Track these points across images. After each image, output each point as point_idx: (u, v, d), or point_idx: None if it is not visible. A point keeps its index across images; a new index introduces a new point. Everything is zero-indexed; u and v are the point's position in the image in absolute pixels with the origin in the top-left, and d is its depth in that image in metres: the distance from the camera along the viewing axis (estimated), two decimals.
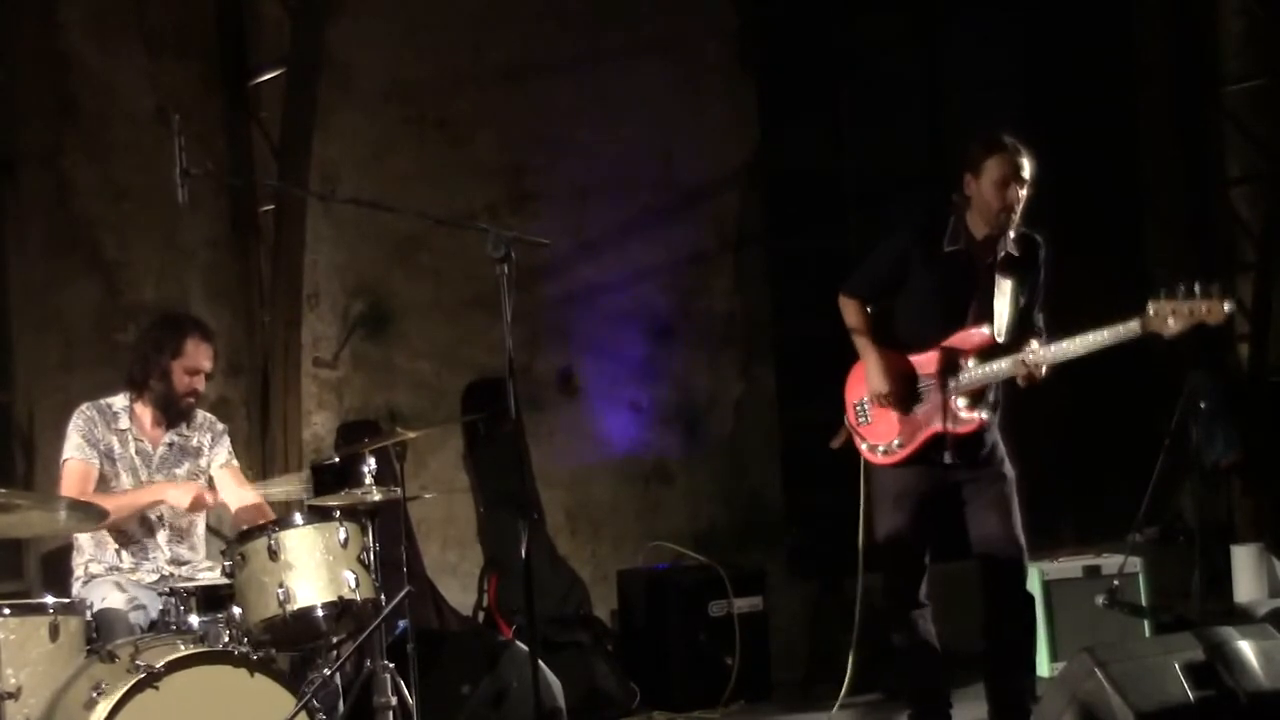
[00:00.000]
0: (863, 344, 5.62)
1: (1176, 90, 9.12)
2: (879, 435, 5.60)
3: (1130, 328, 5.15)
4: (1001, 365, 5.38)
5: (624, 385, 7.90)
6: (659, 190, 8.01)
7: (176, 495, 5.46)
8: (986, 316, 5.46)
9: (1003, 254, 5.47)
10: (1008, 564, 5.52)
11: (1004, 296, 5.46)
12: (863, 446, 5.66)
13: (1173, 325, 5.09)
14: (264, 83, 6.98)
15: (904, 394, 5.51)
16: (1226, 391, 7.88)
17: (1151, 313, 5.12)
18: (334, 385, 7.17)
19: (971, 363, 5.44)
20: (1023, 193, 5.39)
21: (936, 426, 5.45)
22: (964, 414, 5.45)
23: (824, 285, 5.90)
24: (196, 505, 5.51)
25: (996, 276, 5.47)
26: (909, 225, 5.67)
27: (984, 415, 5.47)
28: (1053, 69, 9.07)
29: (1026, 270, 5.52)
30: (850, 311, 5.65)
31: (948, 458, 5.48)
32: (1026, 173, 5.38)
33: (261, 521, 5.36)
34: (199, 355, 5.57)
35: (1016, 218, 5.43)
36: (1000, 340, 5.43)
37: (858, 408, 5.67)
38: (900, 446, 5.53)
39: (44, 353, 6.59)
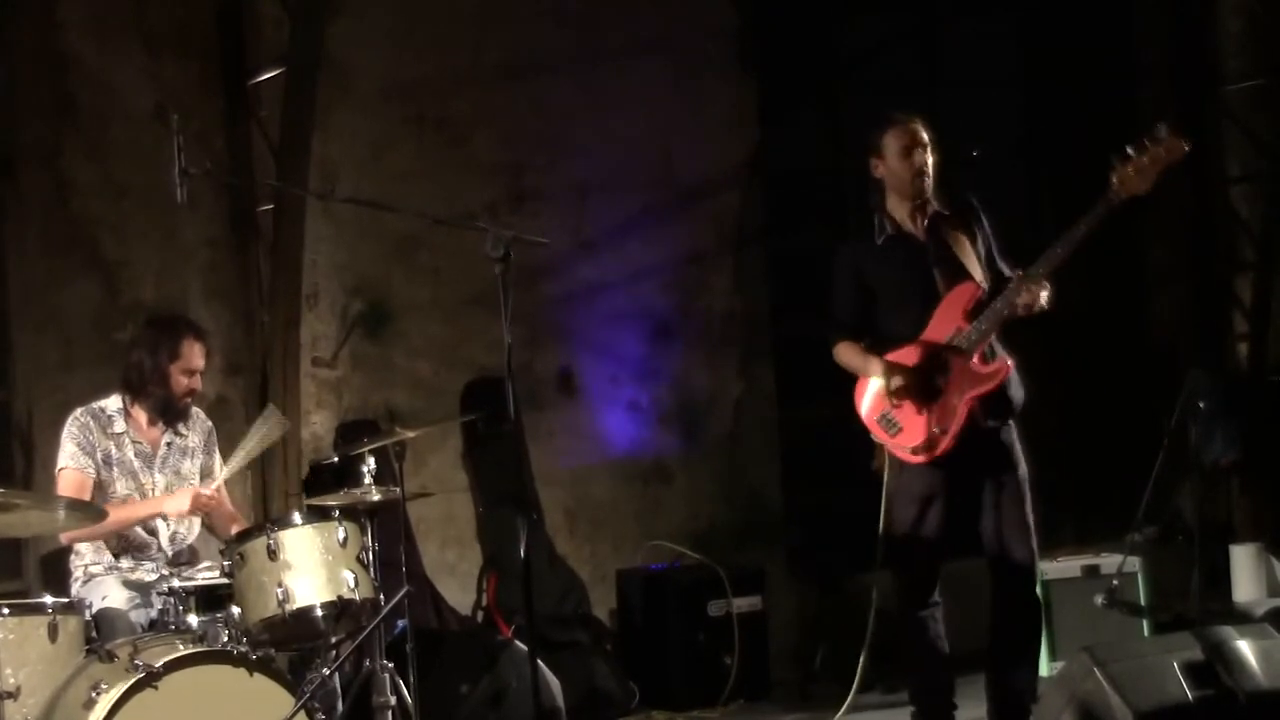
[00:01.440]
0: (859, 361, 5.50)
1: (1176, 90, 9.11)
2: (915, 436, 5.39)
3: (1106, 202, 5.18)
4: (998, 305, 5.30)
5: (624, 385, 7.91)
6: (658, 189, 8.01)
7: (175, 504, 5.43)
8: (958, 276, 5.40)
9: (932, 212, 5.47)
10: (1018, 565, 5.47)
11: (963, 248, 5.43)
12: (905, 453, 5.42)
13: (1142, 181, 5.16)
14: (263, 82, 6.98)
15: (918, 382, 5.36)
16: (1226, 391, 7.86)
17: (1118, 182, 5.16)
18: (333, 385, 7.17)
19: (969, 320, 5.35)
20: (929, 157, 5.44)
21: (970, 393, 5.32)
22: (986, 369, 5.36)
23: (823, 285, 5.87)
24: (198, 506, 5.48)
25: (943, 236, 5.44)
26: (841, 244, 5.70)
27: (1007, 360, 5.38)
28: (1053, 69, 9.07)
29: (968, 222, 5.50)
30: (840, 352, 5.56)
31: (990, 421, 5.37)
32: (925, 136, 5.46)
33: None
34: (194, 356, 5.53)
35: (930, 182, 5.45)
36: (985, 286, 5.38)
37: (882, 422, 5.46)
38: (944, 432, 5.34)
39: (43, 352, 6.58)
